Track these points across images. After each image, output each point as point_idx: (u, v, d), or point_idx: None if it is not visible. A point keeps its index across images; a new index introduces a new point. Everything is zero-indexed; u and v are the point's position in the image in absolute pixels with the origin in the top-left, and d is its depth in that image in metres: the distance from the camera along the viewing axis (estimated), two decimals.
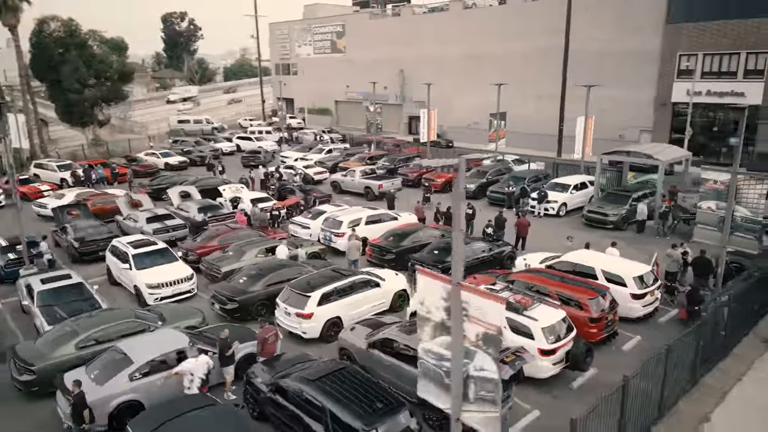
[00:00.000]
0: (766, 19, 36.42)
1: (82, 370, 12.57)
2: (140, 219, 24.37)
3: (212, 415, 10.29)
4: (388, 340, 12.71)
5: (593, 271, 16.72)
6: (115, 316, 14.69)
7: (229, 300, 16.58)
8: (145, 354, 12.47)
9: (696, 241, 19.66)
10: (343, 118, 71.82)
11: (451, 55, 55.91)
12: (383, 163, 37.06)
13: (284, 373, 11.90)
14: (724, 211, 15.34)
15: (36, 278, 17.51)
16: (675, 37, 40.76)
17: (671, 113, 42.16)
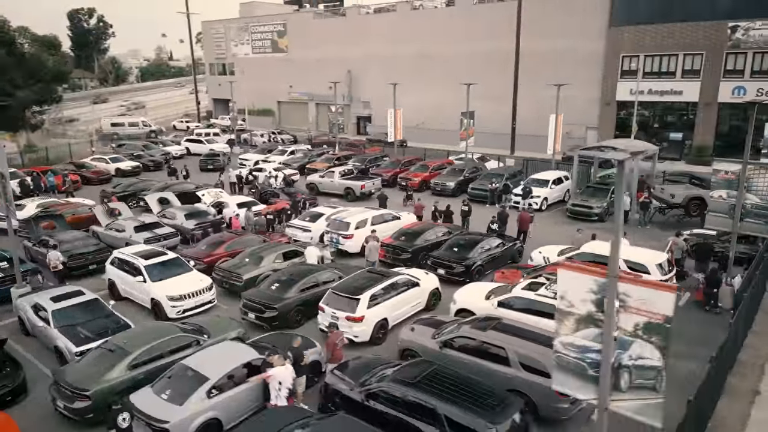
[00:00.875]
0: (700, 23, 39.62)
1: (149, 390, 11.78)
2: (127, 228, 22.94)
3: (334, 425, 9.95)
4: (465, 338, 12.82)
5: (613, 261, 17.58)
6: (160, 331, 13.81)
7: (267, 308, 16.03)
8: (218, 369, 11.85)
9: (694, 233, 21.46)
10: (286, 119, 70.65)
11: (400, 55, 56.46)
12: (354, 163, 36.87)
13: (373, 377, 11.73)
14: (734, 199, 16.69)
15: (44, 296, 16.13)
16: (618, 39, 43.46)
17: (615, 111, 44.88)
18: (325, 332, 15.57)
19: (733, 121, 40.51)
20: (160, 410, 11.10)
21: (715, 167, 17.30)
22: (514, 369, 11.91)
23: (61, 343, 14.45)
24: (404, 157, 38.32)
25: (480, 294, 15.88)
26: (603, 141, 35.40)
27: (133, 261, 18.25)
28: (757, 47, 38.00)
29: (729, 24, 38.64)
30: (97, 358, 12.89)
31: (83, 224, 24.57)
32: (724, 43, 39.07)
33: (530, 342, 12.28)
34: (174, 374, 11.99)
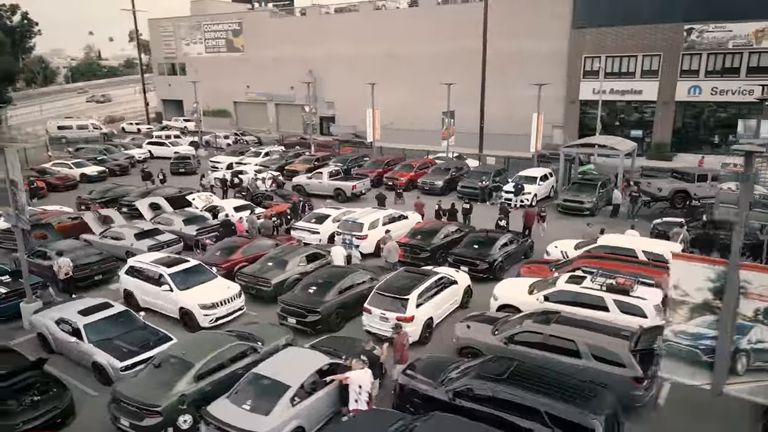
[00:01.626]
0: (658, 25, 41.86)
1: (226, 401, 11.35)
2: (126, 236, 21.87)
3: (440, 424, 9.91)
4: (530, 332, 13.08)
5: (633, 252, 18.43)
6: (217, 340, 13.28)
7: (309, 312, 15.73)
8: (296, 376, 11.56)
9: (664, 221, 22.90)
10: (244, 120, 69.10)
11: (365, 56, 56.44)
12: (335, 164, 36.61)
13: (452, 376, 11.78)
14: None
15: (69, 310, 15.20)
16: (580, 41, 45.26)
17: (579, 110, 46.69)
18: (371, 333, 15.52)
19: (689, 118, 43.04)
20: (247, 421, 10.72)
21: (724, 161, 18.35)
22: (585, 360, 12.26)
23: (102, 359, 13.66)
24: (386, 157, 38.35)
25: (521, 289, 16.20)
26: (569, 139, 37.00)
27: (154, 269, 17.44)
28: (710, 49, 40.55)
29: (685, 27, 41.05)
30: (157, 372, 12.28)
31: (68, 233, 23.14)
32: (680, 45, 41.46)
33: (597, 333, 12.69)
34: (249, 384, 11.60)
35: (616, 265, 16.62)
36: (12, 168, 15.70)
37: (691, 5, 40.71)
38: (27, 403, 11.84)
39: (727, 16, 39.52)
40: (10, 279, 17.94)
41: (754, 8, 38.67)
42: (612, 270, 16.17)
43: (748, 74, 39.72)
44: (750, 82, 39.61)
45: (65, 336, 14.65)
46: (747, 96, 39.86)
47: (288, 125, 65.87)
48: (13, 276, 18.10)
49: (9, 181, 15.77)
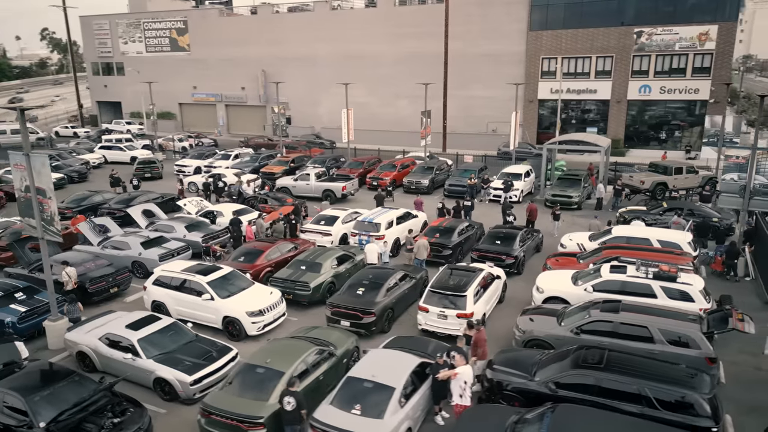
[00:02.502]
0: (610, 28, 44.30)
1: (330, 407, 11.13)
2: (132, 245, 20.69)
3: (572, 414, 10.18)
4: (601, 321, 13.65)
5: (648, 241, 19.57)
6: (296, 347, 12.91)
7: (364, 313, 15.60)
8: (397, 378, 11.50)
9: (628, 209, 24.66)
10: (190, 122, 66.57)
11: (321, 56, 56.04)
12: (314, 165, 36.16)
13: (545, 368, 12.11)
14: (744, 180, 19.39)
15: (114, 325, 14.29)
16: (537, 43, 47.11)
17: (537, 109, 48.58)
18: (427, 332, 15.62)
19: (639, 116, 45.83)
20: (364, 426, 10.59)
21: (726, 153, 19.81)
22: (659, 345, 12.96)
23: (167, 375, 12.95)
24: (366, 157, 38.29)
25: (565, 280, 16.82)
26: (528, 137, 38.74)
27: (188, 278, 16.68)
28: (658, 50, 43.40)
29: (635, 30, 43.70)
30: (246, 382, 11.81)
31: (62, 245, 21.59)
32: (631, 47, 44.09)
33: (664, 318, 13.45)
34: (350, 388, 11.41)
35: (641, 254, 17.58)
36: (38, 175, 14.53)
37: (641, 10, 43.41)
38: (108, 426, 11.06)
39: (673, 20, 42.48)
40: (26, 296, 16.54)
41: (697, 13, 41.86)
42: (640, 258, 17.09)
43: (693, 74, 42.84)
44: (695, 81, 42.76)
45: (116, 353, 13.74)
46: (692, 94, 43.07)
47: (239, 127, 64.23)
48: (27, 292, 16.70)
49: (34, 190, 14.59)
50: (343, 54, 54.87)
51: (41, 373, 12.17)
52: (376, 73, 53.55)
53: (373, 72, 53.69)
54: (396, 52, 52.54)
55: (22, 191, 15.13)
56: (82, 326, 14.98)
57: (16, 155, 15.09)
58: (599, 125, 46.80)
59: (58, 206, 27.44)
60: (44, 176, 14.48)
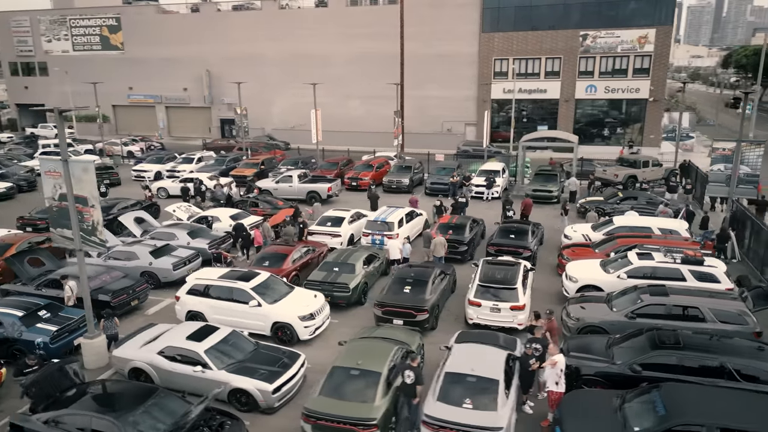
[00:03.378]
0: (558, 31, 46.64)
1: (439, 403, 11.21)
2: (141, 255, 19.58)
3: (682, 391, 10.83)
4: (654, 305, 14.59)
5: (650, 229, 21.02)
6: (379, 347, 12.83)
7: (418, 311, 15.72)
8: (494, 371, 11.76)
9: (588, 200, 26.57)
10: (125, 125, 63.05)
11: (270, 55, 54.98)
12: (288, 167, 35.59)
13: (622, 352, 12.81)
14: (730, 170, 21.26)
15: (172, 338, 13.55)
16: (489, 44, 48.76)
17: (491, 108, 50.22)
18: (479, 326, 15.98)
19: (586, 114, 48.60)
20: (480, 419, 10.76)
21: (714, 145, 21.59)
22: (710, 323, 14.05)
23: (247, 384, 12.51)
24: (339, 158, 38.06)
25: (595, 269, 17.75)
26: (475, 136, 40.45)
27: (230, 286, 16.08)
28: (602, 52, 46.23)
29: (580, 33, 46.29)
30: (344, 385, 11.65)
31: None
32: (577, 49, 46.65)
33: (710, 298, 14.59)
34: (452, 384, 11.54)
35: (652, 240, 18.92)
36: (78, 182, 13.49)
37: (585, 14, 46.04)
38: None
39: (615, 24, 45.40)
40: (50, 314, 15.26)
41: (637, 17, 44.97)
42: (652, 245, 18.40)
43: (633, 74, 46.01)
44: (636, 81, 45.95)
45: (181, 367, 13.05)
46: (634, 93, 46.27)
47: (182, 129, 61.76)
48: (50, 309, 15.41)
49: (72, 198, 13.54)
50: (294, 54, 54.14)
51: (124, 393, 11.37)
52: (329, 73, 53.12)
53: (326, 72, 53.23)
54: (349, 52, 52.51)
55: (55, 200, 13.98)
56: (128, 342, 14.08)
57: (48, 162, 13.96)
58: (549, 123, 49.11)
59: (26, 216, 25.68)
60: (86, 183, 13.46)
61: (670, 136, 32.32)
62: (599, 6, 45.76)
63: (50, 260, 18.84)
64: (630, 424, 10.45)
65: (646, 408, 10.62)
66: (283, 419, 12.53)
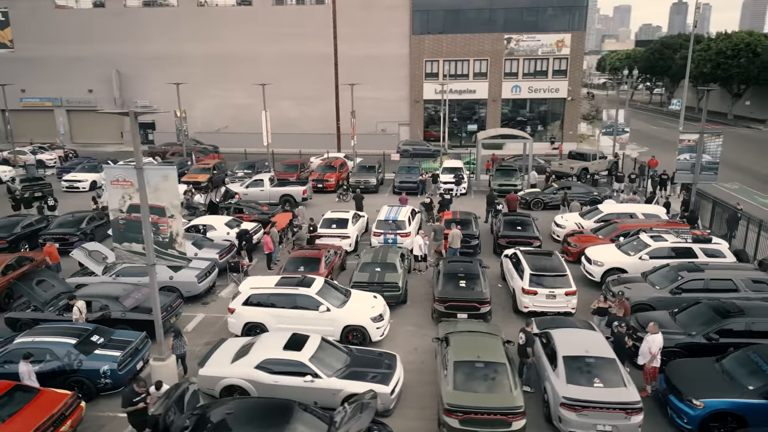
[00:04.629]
0: (485, 34, 49.10)
1: (573, 386, 11.80)
2: (159, 270, 17.99)
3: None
4: (694, 280, 16.28)
5: (635, 214, 23.22)
6: (486, 340, 13.16)
7: (481, 303, 16.20)
8: (604, 351, 12.59)
9: (527, 192, 29.11)
10: (20, 130, 56.35)
11: (189, 55, 52.14)
12: (245, 170, 34.32)
13: (692, 324, 14.22)
14: (694, 159, 23.99)
15: (265, 350, 12.92)
16: (420, 46, 50.18)
17: (423, 109, 51.75)
18: (535, 313, 16.79)
19: (512, 112, 51.66)
20: (615, 395, 11.44)
21: (681, 137, 24.24)
22: (743, 293, 15.97)
23: (362, 389, 12.23)
24: (297, 160, 37.24)
25: (615, 253, 19.31)
26: (420, 134, 42.03)
27: (293, 293, 15.52)
28: (525, 55, 49.44)
29: (505, 36, 49.11)
30: (473, 378, 11.86)
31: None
32: (502, 51, 49.46)
33: (737, 270, 16.58)
34: (574, 365, 12.14)
35: (647, 224, 21.05)
36: (155, 191, 12.36)
37: (509, 19, 48.96)
38: None
39: (536, 28, 48.77)
40: (102, 338, 13.72)
41: (554, 23, 48.65)
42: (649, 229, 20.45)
43: (553, 76, 49.73)
44: (555, 81, 49.70)
45: (285, 379, 12.46)
46: (554, 93, 50.02)
47: (87, 135, 56.72)
48: (101, 334, 13.85)
49: (146, 209, 12.38)
50: (218, 53, 51.87)
51: (262, 410, 10.67)
52: (258, 74, 51.43)
53: (255, 73, 51.53)
54: (277, 52, 51.30)
55: (122, 212, 12.65)
56: (211, 360, 13.14)
57: (115, 170, 12.63)
58: (478, 122, 51.59)
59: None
60: (167, 192, 12.34)
61: (609, 131, 35.63)
62: (521, 12, 48.87)
63: (58, 281, 16.85)
64: (741, 383, 11.77)
65: (749, 368, 12.01)
66: (403, 419, 12.45)
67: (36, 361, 12.86)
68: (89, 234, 23.27)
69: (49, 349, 12.98)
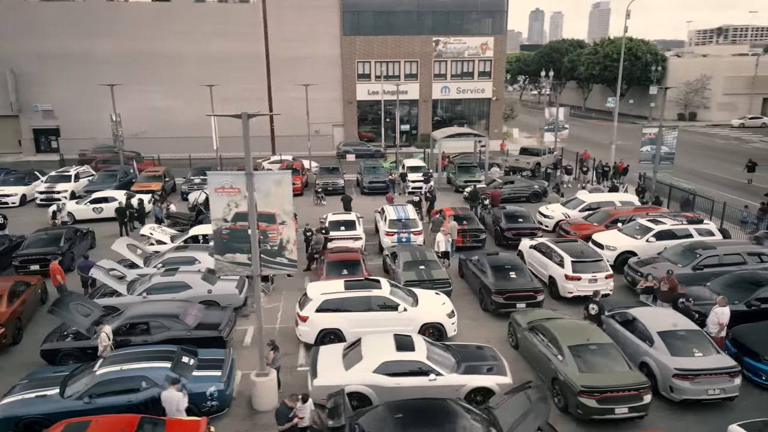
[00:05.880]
0: (414, 36, 50.35)
1: (674, 357, 12.86)
2: (194, 283, 16.78)
3: None
4: (711, 256, 18.27)
5: (613, 202, 25.40)
6: (580, 324, 13.91)
7: (537, 293, 16.96)
8: (688, 324, 13.88)
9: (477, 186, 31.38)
10: None
11: (98, 53, 47.73)
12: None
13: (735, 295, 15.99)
14: (654, 151, 26.70)
15: (380, 352, 12.64)
16: (351, 47, 50.31)
17: (356, 109, 51.89)
18: (579, 297, 17.86)
19: (442, 112, 53.44)
20: (715, 362, 12.66)
21: (643, 130, 26.86)
22: (750, 264, 18.14)
23: (487, 382, 12.53)
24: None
25: (623, 237, 21.03)
26: (343, 137, 43.24)
27: (367, 295, 15.22)
28: (453, 57, 51.43)
29: (433, 38, 50.73)
30: (590, 360, 12.53)
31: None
32: (431, 53, 51.04)
33: (740, 245, 18.91)
34: (671, 338, 13.21)
35: (633, 211, 23.24)
36: (266, 197, 11.61)
37: (436, 22, 50.61)
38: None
39: (461, 31, 50.92)
40: (191, 359, 12.51)
41: (478, 27, 51.16)
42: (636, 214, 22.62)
43: (479, 77, 52.23)
44: (481, 82, 52.24)
45: (406, 380, 12.29)
46: (480, 93, 52.55)
47: None
48: (189, 355, 12.62)
49: (254, 217, 11.60)
50: (132, 52, 48.02)
51: (423, 410, 10.49)
52: (178, 74, 48.69)
53: (175, 73, 48.71)
54: (200, 51, 48.57)
55: (226, 221, 11.71)
56: (321, 369, 12.59)
57: (220, 177, 11.66)
58: (411, 122, 52.76)
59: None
60: (279, 197, 11.61)
61: (551, 128, 38.26)
62: (447, 15, 50.73)
63: (91, 304, 15.04)
64: None
65: None
66: None
67: (129, 390, 11.54)
68: (69, 252, 20.85)
69: (144, 376, 11.66)
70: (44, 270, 19.70)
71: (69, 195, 30.72)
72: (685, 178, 34.02)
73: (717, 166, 41.16)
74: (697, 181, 34.37)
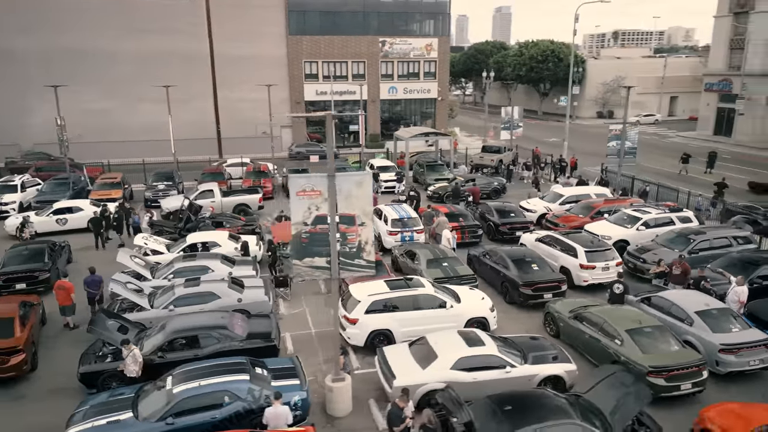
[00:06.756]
0: (360, 36, 50.40)
1: (715, 334, 13.89)
2: (222, 293, 15.97)
3: None
4: (703, 240, 19.82)
5: (589, 195, 26.87)
6: (632, 311, 14.73)
7: (561, 282, 17.66)
8: (717, 303, 15.06)
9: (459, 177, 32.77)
10: None
11: (20, 50, 43.96)
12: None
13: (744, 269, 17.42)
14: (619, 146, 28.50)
15: (452, 348, 12.74)
16: (298, 47, 49.57)
17: (305, 110, 51.07)
18: (593, 285, 18.78)
19: (390, 112, 53.82)
20: (750, 336, 13.85)
21: (611, 127, 28.56)
22: (735, 247, 19.88)
23: (557, 370, 12.99)
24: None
25: (615, 227, 22.25)
26: (307, 137, 43.61)
27: (414, 294, 15.20)
28: (399, 57, 51.99)
29: (379, 39, 51.01)
30: (646, 342, 13.29)
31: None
32: (378, 54, 51.30)
33: (723, 230, 20.65)
34: (705, 318, 14.28)
35: (617, 202, 24.75)
36: (347, 198, 11.32)
37: (382, 23, 50.96)
38: None
39: (407, 33, 51.62)
40: (263, 369, 11.92)
41: (422, 28, 52.14)
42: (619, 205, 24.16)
43: (424, 77, 53.15)
44: (426, 83, 53.19)
45: (483, 374, 12.46)
46: (426, 93, 53.52)
47: None
48: (259, 366, 12.00)
49: (334, 220, 11.31)
50: (62, 49, 44.45)
51: (526, 402, 10.70)
52: (113, 73, 45.71)
53: (109, 72, 45.70)
54: (138, 49, 45.83)
55: (306, 224, 11.29)
56: (397, 371, 12.44)
57: (300, 180, 11.23)
58: (358, 123, 52.61)
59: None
60: (359, 199, 11.40)
61: (507, 126, 39.65)
62: (392, 16, 51.24)
63: (124, 320, 13.94)
64: None
65: None
66: None
67: (211, 406, 10.87)
68: (54, 267, 19.13)
69: (226, 390, 10.99)
70: (30, 289, 18.05)
71: (17, 206, 28.09)
72: (631, 171, 36.48)
73: (650, 160, 44.46)
74: (640, 173, 37.07)
